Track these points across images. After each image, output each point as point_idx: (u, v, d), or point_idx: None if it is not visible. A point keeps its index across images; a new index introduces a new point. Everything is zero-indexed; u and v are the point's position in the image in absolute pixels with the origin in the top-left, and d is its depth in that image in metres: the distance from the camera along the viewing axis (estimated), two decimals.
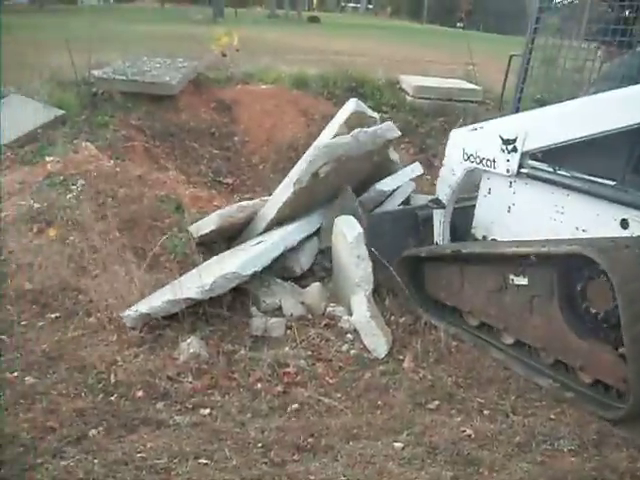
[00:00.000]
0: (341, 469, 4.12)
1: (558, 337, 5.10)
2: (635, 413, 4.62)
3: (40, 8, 40.58)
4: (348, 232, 6.10)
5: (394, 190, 7.64)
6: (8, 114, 9.38)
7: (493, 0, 61.27)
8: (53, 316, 5.81)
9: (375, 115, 7.97)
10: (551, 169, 5.69)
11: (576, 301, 5.07)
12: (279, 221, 6.94)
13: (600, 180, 5.33)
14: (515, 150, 5.93)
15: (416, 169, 8.01)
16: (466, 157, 6.47)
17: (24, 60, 12.06)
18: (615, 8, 5.83)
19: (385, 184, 7.55)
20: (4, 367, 5.07)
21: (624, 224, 5.10)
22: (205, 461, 4.16)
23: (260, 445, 4.34)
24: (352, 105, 7.74)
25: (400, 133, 7.31)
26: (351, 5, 65.20)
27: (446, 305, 6.20)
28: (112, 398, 4.77)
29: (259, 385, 5.02)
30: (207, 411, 4.71)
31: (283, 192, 6.99)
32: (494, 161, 6.14)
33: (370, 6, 64.96)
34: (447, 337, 5.68)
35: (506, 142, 6.01)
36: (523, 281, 5.39)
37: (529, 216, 5.89)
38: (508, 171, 6.00)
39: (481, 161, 6.30)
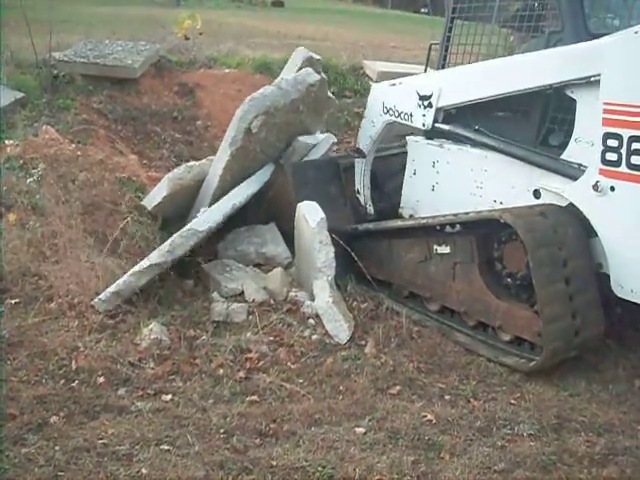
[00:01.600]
0: (303, 454, 4.15)
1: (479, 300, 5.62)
2: (548, 363, 5.11)
3: None
4: (310, 218, 6.09)
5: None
6: None
7: None
8: (13, 302, 5.73)
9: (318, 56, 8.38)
10: (463, 125, 6.32)
11: (494, 265, 5.64)
12: (223, 190, 6.87)
13: (511, 141, 5.88)
14: (430, 106, 6.47)
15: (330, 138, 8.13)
16: (385, 110, 6.99)
17: None
18: None
19: (308, 138, 7.64)
20: None
21: (537, 194, 5.65)
22: (167, 447, 4.16)
23: (222, 431, 4.35)
24: (302, 54, 7.97)
25: (319, 77, 7.37)
26: None
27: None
28: (73, 384, 4.76)
29: (221, 371, 5.03)
30: (169, 397, 4.71)
31: (221, 157, 6.95)
32: (411, 115, 6.69)
33: None
34: (409, 323, 5.72)
35: (422, 98, 6.54)
36: (446, 250, 5.87)
37: (451, 193, 6.33)
38: (424, 125, 6.55)
39: (399, 115, 6.84)
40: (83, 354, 5.05)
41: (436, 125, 6.44)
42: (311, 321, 5.74)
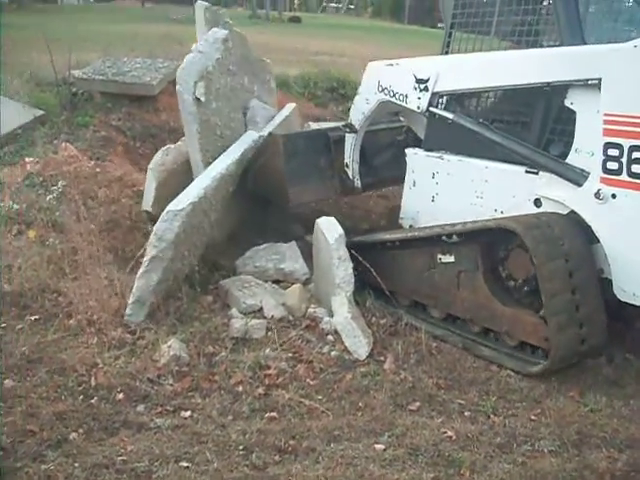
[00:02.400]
0: (322, 471, 4.13)
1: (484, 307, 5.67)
2: (554, 368, 5.20)
3: (19, 7, 40.29)
4: (329, 234, 6.07)
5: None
6: None
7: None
8: (33, 318, 5.77)
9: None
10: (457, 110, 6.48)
11: (499, 272, 5.71)
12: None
13: (509, 135, 5.98)
14: (427, 90, 6.56)
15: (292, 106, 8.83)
16: (381, 89, 7.05)
17: (3, 60, 11.98)
18: (520, 12, 6.18)
19: (264, 105, 8.21)
20: None
21: (537, 203, 5.73)
22: (186, 464, 4.15)
23: (241, 447, 4.33)
24: (201, 9, 8.15)
25: (226, 31, 7.67)
26: (332, 5, 65.13)
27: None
28: (92, 401, 4.76)
29: (240, 387, 5.01)
30: (188, 413, 4.70)
31: (191, 142, 7.20)
32: (406, 97, 6.78)
33: (351, 6, 64.99)
34: (428, 339, 5.69)
35: (419, 81, 6.63)
36: (450, 259, 5.91)
37: (452, 204, 6.39)
38: (418, 108, 6.67)
39: (394, 95, 6.91)
40: (102, 370, 5.06)
41: (430, 109, 6.56)
42: (330, 337, 5.73)
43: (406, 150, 7.03)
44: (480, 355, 5.61)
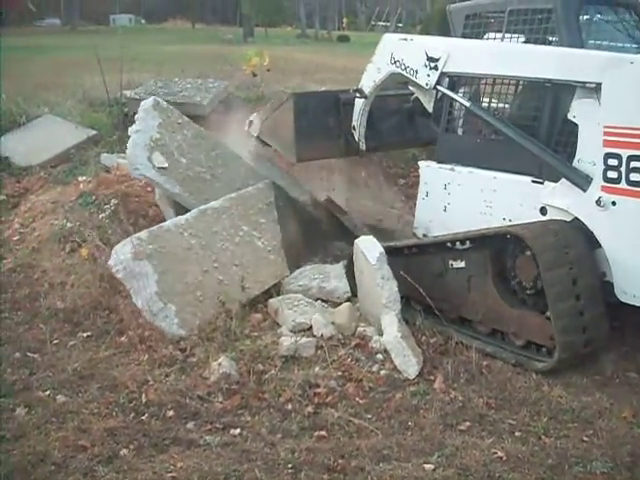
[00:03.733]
0: None
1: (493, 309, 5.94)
2: (561, 363, 5.42)
3: (73, 29, 41.08)
4: (369, 253, 6.05)
5: None
6: (42, 134, 9.50)
7: None
8: (85, 335, 5.87)
9: None
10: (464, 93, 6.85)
11: (507, 277, 5.97)
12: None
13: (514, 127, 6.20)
14: (436, 68, 6.80)
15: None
16: (393, 61, 7.26)
17: (57, 80, 12.21)
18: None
19: None
20: (36, 385, 5.12)
21: (543, 211, 6.02)
22: None
23: (290, 466, 4.32)
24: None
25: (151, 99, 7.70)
26: (381, 24, 65.23)
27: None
28: (143, 417, 4.80)
29: (289, 405, 5.01)
30: (237, 431, 4.71)
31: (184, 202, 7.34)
32: (416, 72, 7.00)
33: (400, 24, 65.02)
34: (478, 358, 5.64)
35: (430, 59, 6.85)
36: (461, 264, 6.17)
37: (463, 213, 6.67)
38: (427, 85, 6.92)
39: (405, 68, 7.13)
40: (153, 387, 5.10)
41: (438, 87, 6.84)
42: (379, 356, 5.70)
43: (419, 163, 7.42)
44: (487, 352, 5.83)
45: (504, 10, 6.81)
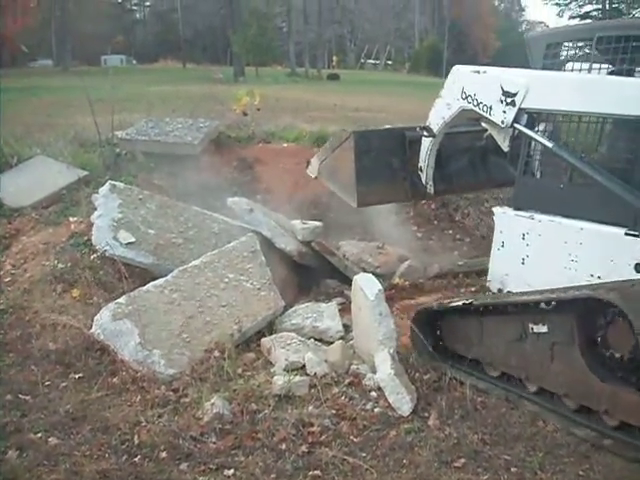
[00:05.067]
0: None
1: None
2: None
3: (64, 70, 41.33)
4: (368, 290, 6.05)
5: None
6: (33, 175, 9.53)
7: (512, 53, 61.97)
8: (77, 376, 5.83)
9: None
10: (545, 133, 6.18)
11: (597, 346, 5.09)
12: None
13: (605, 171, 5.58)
14: (513, 104, 6.08)
15: None
16: (464, 96, 6.57)
17: (49, 121, 12.28)
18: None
19: None
20: (28, 427, 5.07)
21: (638, 268, 5.29)
22: None
23: None
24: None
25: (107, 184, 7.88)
26: (370, 62, 65.89)
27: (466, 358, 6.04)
28: (136, 459, 4.75)
29: (283, 445, 4.96)
30: (231, 472, 4.67)
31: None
32: (490, 108, 6.30)
33: (389, 62, 65.62)
34: (472, 394, 5.62)
35: (506, 94, 6.15)
36: (543, 329, 5.38)
37: (543, 267, 6.05)
38: (503, 122, 6.18)
39: (478, 104, 6.43)
40: (145, 429, 5.05)
41: (515, 125, 6.13)
42: (373, 394, 5.67)
43: (494, 209, 6.77)
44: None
45: (591, 38, 6.20)
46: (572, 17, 76.42)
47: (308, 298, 8.13)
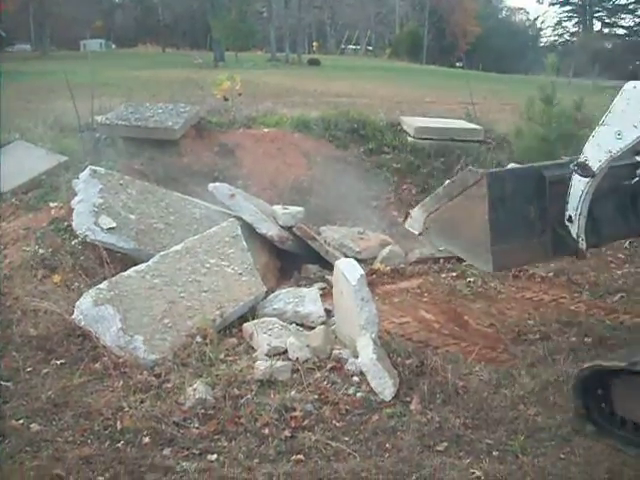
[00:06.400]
0: None
1: None
2: None
3: (43, 55, 41.01)
4: (350, 275, 6.05)
5: None
6: (13, 161, 9.46)
7: (492, 40, 62.23)
8: (58, 362, 5.80)
9: None
10: None
11: None
12: None
13: None
14: None
15: None
16: None
17: (28, 106, 12.19)
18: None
19: None
20: (9, 414, 5.05)
21: None
22: None
23: None
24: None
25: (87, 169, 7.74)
26: (351, 47, 65.76)
27: None
28: (119, 445, 4.74)
29: (266, 430, 4.96)
30: (214, 457, 4.67)
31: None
32: None
33: (370, 48, 65.52)
34: (454, 378, 5.64)
35: None
36: None
37: None
38: None
39: None
40: (128, 414, 5.04)
41: None
42: (355, 378, 5.68)
43: None
44: None
45: None
46: (552, 4, 76.80)
47: (289, 283, 8.15)
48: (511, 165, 7.80)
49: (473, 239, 5.75)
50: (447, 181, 6.26)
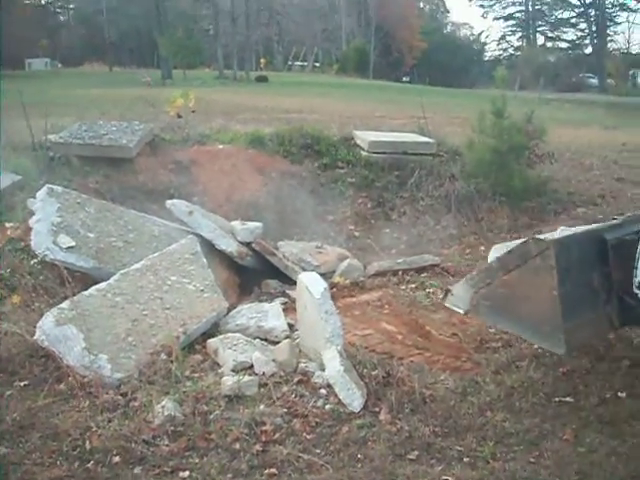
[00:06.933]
0: None
1: None
2: None
3: None
4: (313, 288, 6.08)
5: None
6: None
7: (437, 54, 62.94)
8: (22, 384, 5.70)
9: None
10: None
11: None
12: None
13: None
14: None
15: None
16: None
17: None
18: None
19: None
20: None
21: None
22: None
23: None
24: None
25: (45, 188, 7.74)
26: (298, 64, 65.93)
27: None
28: (88, 465, 4.69)
29: (237, 445, 4.95)
30: (186, 474, 4.64)
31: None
32: None
33: (317, 64, 65.76)
34: (421, 387, 5.68)
35: None
36: None
37: None
38: None
39: None
40: (96, 434, 4.98)
41: None
42: (323, 391, 5.69)
43: None
44: None
45: None
46: (496, 18, 77.92)
47: (250, 299, 8.15)
48: (561, 228, 7.09)
49: (538, 317, 5.20)
50: (497, 252, 5.63)
